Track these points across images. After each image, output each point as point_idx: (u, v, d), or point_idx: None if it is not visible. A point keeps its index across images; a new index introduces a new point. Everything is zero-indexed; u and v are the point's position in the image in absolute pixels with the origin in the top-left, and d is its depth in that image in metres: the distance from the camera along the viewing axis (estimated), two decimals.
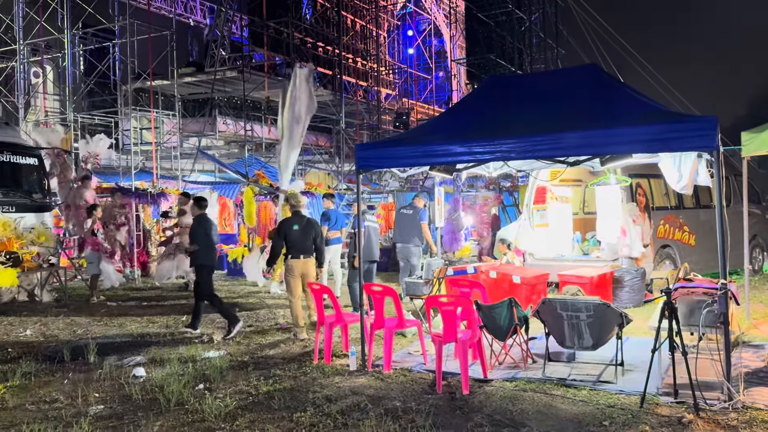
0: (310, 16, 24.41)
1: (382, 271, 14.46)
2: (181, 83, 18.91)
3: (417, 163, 6.82)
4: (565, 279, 9.13)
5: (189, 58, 20.57)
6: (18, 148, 11.96)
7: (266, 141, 21.71)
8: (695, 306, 5.73)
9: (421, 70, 30.83)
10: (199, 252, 8.26)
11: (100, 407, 5.47)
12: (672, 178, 6.85)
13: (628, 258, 9.97)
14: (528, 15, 25.62)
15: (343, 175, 19.74)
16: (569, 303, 5.94)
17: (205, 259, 8.26)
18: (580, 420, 4.92)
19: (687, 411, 4.97)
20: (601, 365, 6.22)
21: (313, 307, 8.48)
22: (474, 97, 7.80)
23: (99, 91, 20.07)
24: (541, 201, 11.48)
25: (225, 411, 5.27)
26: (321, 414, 5.15)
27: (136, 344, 7.86)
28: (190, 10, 23.40)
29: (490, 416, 5.05)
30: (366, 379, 6.13)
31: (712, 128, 5.12)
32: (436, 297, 6.52)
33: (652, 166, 7.73)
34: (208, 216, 8.62)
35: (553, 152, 6.04)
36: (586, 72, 6.90)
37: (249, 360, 7.00)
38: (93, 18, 17.98)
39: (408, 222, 10.54)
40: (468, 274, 8.75)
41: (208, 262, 8.31)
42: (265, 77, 18.61)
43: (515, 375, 6.11)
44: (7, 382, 6.20)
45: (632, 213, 10.02)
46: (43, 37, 18.06)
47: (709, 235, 10.73)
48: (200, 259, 8.27)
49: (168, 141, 18.74)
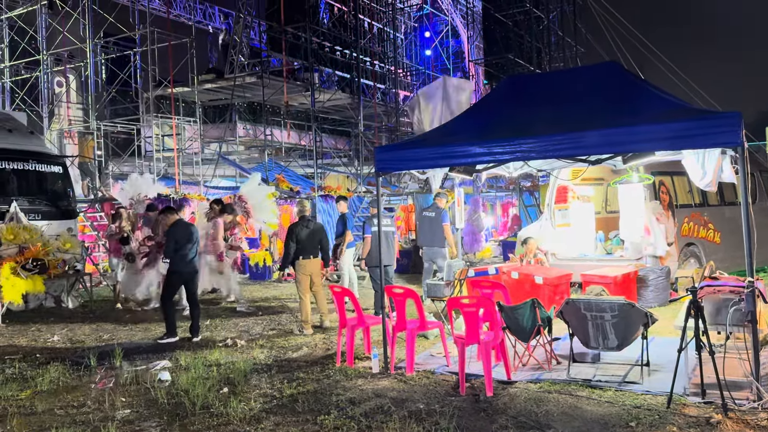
0: (328, 20, 24.50)
1: (403, 272, 14.47)
2: (202, 90, 19.11)
3: (436, 164, 6.82)
4: (588, 279, 9.05)
5: (209, 65, 20.75)
6: (43, 156, 12.18)
7: (286, 145, 21.84)
8: (722, 304, 5.64)
9: (439, 72, 30.75)
10: (173, 259, 8.36)
11: (126, 411, 5.54)
12: (696, 175, 6.74)
13: (652, 257, 9.85)
14: (546, 14, 25.46)
15: (363, 177, 19.77)
16: (593, 303, 5.88)
17: (174, 265, 8.35)
18: (606, 421, 4.88)
19: (715, 411, 4.90)
20: (626, 366, 6.15)
21: (324, 311, 8.98)
22: (493, 97, 7.78)
23: (121, 99, 20.37)
24: (562, 200, 11.39)
25: (250, 414, 5.30)
26: (345, 417, 5.16)
27: (161, 349, 7.94)
28: (209, 17, 23.64)
29: (515, 418, 5.02)
30: (389, 382, 6.14)
31: (736, 124, 5.05)
32: (458, 298, 6.50)
33: (675, 163, 7.62)
34: (185, 223, 8.72)
35: (574, 151, 5.99)
36: (606, 70, 6.85)
37: (272, 363, 7.05)
38: (114, 27, 18.27)
39: (431, 224, 10.52)
40: (489, 275, 8.71)
41: (177, 268, 8.34)
42: (284, 82, 18.72)
43: (539, 376, 6.06)
44: (35, 387, 6.31)
45: (656, 211, 9.90)
46: (65, 47, 18.37)
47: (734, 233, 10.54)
48: (172, 265, 8.40)
49: (189, 147, 18.94)
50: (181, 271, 8.37)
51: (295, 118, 23.89)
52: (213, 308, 10.86)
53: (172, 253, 8.30)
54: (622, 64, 8.15)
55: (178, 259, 8.31)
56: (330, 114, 23.40)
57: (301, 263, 8.79)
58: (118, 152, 18.58)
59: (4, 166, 11.47)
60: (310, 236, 8.81)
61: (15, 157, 11.61)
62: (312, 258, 8.81)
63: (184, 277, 8.47)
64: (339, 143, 24.94)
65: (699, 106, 6.85)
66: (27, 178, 11.81)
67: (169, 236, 8.43)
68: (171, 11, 20.22)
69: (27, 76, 18.76)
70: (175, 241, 8.29)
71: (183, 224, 8.59)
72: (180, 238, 8.31)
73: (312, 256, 8.81)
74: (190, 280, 8.55)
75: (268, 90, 18.26)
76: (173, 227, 8.44)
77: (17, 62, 18.84)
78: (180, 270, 8.36)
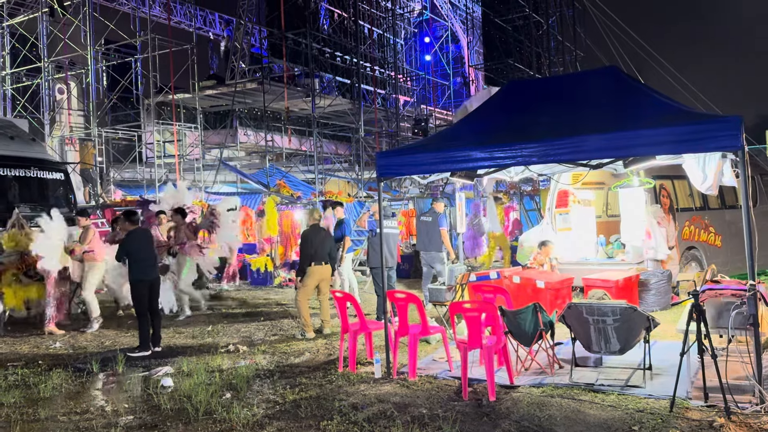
0: (328, 26, 24.58)
1: (404, 278, 14.47)
2: (203, 96, 19.18)
3: (438, 169, 6.82)
4: (590, 283, 9.06)
5: (209, 71, 20.83)
6: (45, 163, 12.22)
7: (287, 151, 21.89)
8: (724, 308, 5.65)
9: (439, 77, 30.85)
10: (131, 267, 8.23)
11: (129, 417, 5.54)
12: (696, 178, 6.76)
13: (653, 260, 9.86)
14: (545, 18, 25.50)
15: (363, 182, 19.80)
16: (595, 307, 5.89)
17: (137, 274, 8.21)
18: (609, 425, 4.88)
19: (718, 415, 4.90)
20: (628, 369, 6.15)
21: (327, 319, 8.99)
22: (493, 102, 7.80)
23: (122, 105, 20.45)
24: (563, 205, 11.40)
25: (253, 420, 5.31)
26: (348, 422, 5.16)
27: (163, 355, 7.94)
28: (210, 24, 23.72)
29: (518, 423, 5.02)
30: (391, 387, 6.14)
31: (737, 128, 5.07)
32: (460, 303, 6.50)
33: (676, 167, 7.64)
34: (142, 230, 8.64)
35: (575, 156, 6.01)
36: (606, 74, 6.88)
37: (275, 369, 7.05)
38: (115, 34, 18.39)
39: (428, 229, 10.55)
40: (491, 280, 8.71)
41: (140, 276, 8.20)
42: (284, 88, 18.78)
43: (542, 381, 6.06)
44: (38, 394, 6.31)
45: (657, 215, 9.92)
46: (66, 54, 18.44)
47: (735, 236, 10.58)
48: (132, 274, 8.25)
49: (190, 153, 19.00)
50: (142, 279, 8.17)
51: (296, 123, 23.96)
52: (214, 314, 10.86)
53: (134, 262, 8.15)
54: (621, 68, 8.17)
55: (138, 267, 8.17)
56: (330, 119, 23.47)
57: (314, 269, 8.83)
58: (120, 159, 18.62)
59: (6, 173, 11.51)
60: (323, 243, 8.93)
61: (17, 164, 11.65)
62: (324, 264, 8.91)
63: (147, 284, 8.23)
64: (340, 148, 25.01)
65: (699, 110, 6.86)
66: (29, 185, 11.85)
67: (124, 243, 8.29)
68: (172, 18, 20.29)
69: (28, 84, 18.83)
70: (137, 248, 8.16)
71: (139, 232, 8.41)
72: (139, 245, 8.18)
73: (324, 263, 8.91)
74: (153, 286, 8.34)
75: (269, 96, 18.33)
76: (132, 234, 8.29)
77: (19, 69, 18.92)
78: (142, 278, 8.17)
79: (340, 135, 25.82)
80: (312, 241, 8.85)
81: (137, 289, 8.22)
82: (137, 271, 8.20)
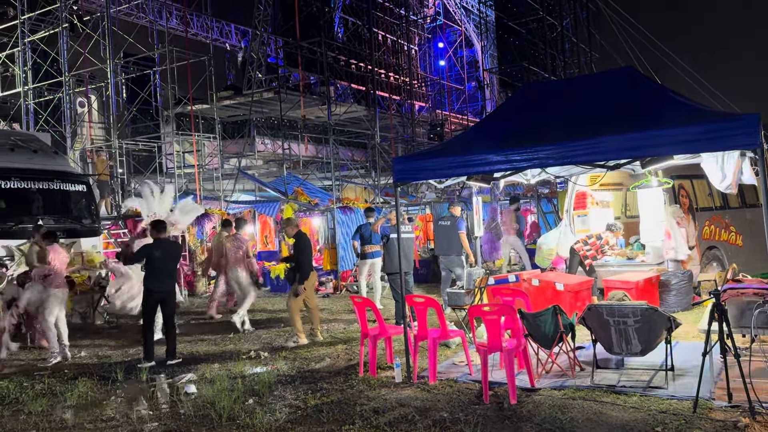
0: (342, 35, 24.72)
1: (422, 282, 14.48)
2: (220, 106, 19.36)
3: (454, 173, 6.85)
4: (610, 284, 9.01)
5: (227, 82, 21.03)
6: (68, 176, 12.43)
7: (303, 158, 22.02)
8: (746, 307, 5.61)
9: (453, 81, 30.86)
10: (144, 276, 8.40)
11: (154, 424, 5.62)
12: (715, 178, 6.73)
13: (674, 261, 9.78)
14: (559, 20, 25.41)
15: (380, 188, 19.85)
16: (616, 309, 5.87)
17: (147, 283, 8.25)
18: (632, 427, 4.86)
19: (742, 415, 4.86)
20: (650, 371, 6.12)
21: (317, 325, 9.18)
22: (509, 105, 7.81)
23: (141, 117, 20.71)
24: (581, 206, 11.35)
25: (276, 425, 5.36)
26: (369, 426, 5.19)
27: (186, 362, 8.04)
28: (226, 35, 23.96)
29: (540, 425, 5.02)
30: (412, 391, 6.16)
31: (755, 126, 5.04)
32: (479, 306, 6.51)
33: (695, 166, 7.60)
34: (166, 241, 8.55)
35: (592, 157, 6.00)
36: (622, 75, 6.87)
37: (296, 374, 7.10)
38: (133, 47, 18.60)
39: (447, 233, 10.56)
40: (510, 283, 8.70)
41: (149, 286, 8.20)
42: (300, 96, 18.91)
43: (563, 383, 6.05)
44: (65, 402, 6.43)
45: (676, 215, 9.84)
46: (87, 68, 18.74)
47: (756, 235, 10.44)
48: (144, 282, 8.37)
49: (209, 163, 19.19)
50: (151, 289, 8.17)
51: (312, 131, 24.10)
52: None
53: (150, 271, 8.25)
54: (637, 68, 8.14)
55: (150, 277, 8.22)
56: (346, 126, 23.57)
57: (311, 277, 9.14)
58: (140, 170, 18.86)
59: (30, 186, 11.73)
60: (311, 251, 9.34)
61: (40, 177, 11.87)
62: (313, 271, 9.21)
63: (157, 296, 8.18)
64: (356, 155, 25.08)
65: (716, 109, 6.82)
66: (52, 197, 12.06)
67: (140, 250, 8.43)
68: (188, 30, 20.55)
69: (50, 98, 19.14)
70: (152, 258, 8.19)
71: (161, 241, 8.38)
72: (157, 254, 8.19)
73: (312, 270, 9.20)
74: (165, 299, 8.27)
75: (285, 105, 18.45)
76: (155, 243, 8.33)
77: (40, 84, 19.24)
78: (150, 288, 8.17)
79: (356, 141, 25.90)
80: (310, 248, 9.20)
81: (146, 299, 8.30)
82: (148, 281, 8.31)
